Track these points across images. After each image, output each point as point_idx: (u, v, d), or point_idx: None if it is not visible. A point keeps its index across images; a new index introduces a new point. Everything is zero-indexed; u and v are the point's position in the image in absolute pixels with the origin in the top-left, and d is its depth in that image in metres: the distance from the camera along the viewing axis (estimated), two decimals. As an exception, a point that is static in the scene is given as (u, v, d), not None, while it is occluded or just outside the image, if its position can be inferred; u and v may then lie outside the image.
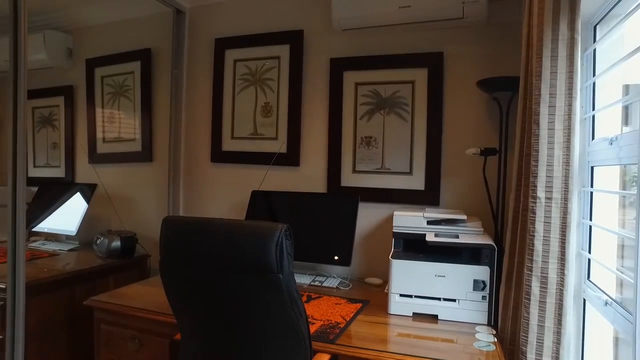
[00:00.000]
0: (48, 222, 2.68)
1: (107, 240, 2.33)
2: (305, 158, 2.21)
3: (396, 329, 1.44)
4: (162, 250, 1.15)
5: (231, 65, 2.36)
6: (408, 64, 2.00)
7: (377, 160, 2.06)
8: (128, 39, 2.69)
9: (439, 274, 1.50)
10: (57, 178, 3.00)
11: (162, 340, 1.55)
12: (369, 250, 2.08)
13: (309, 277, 1.98)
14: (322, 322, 1.44)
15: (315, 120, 2.19)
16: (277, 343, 1.11)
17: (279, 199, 2.11)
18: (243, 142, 2.34)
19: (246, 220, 2.03)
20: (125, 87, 2.70)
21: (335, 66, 2.12)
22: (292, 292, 1.05)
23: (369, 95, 2.07)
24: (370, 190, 2.06)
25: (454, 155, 1.94)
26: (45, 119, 3.07)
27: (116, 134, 2.75)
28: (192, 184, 2.53)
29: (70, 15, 2.85)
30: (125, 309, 1.61)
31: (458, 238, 1.54)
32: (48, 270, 2.08)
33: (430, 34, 1.97)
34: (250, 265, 1.03)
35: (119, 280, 2.30)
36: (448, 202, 1.96)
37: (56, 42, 2.84)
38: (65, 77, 2.96)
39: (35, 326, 1.88)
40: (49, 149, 3.06)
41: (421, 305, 1.53)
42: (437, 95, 1.95)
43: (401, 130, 2.02)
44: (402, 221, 1.69)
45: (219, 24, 2.42)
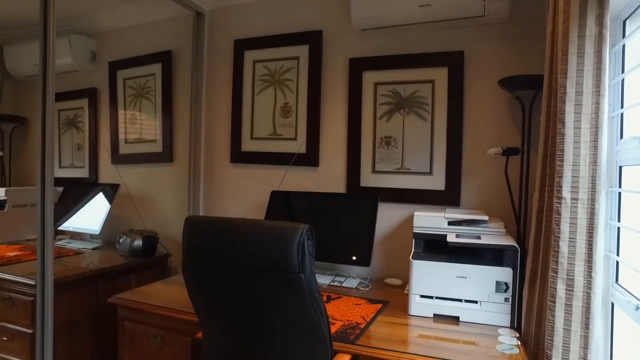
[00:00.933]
0: (73, 221, 2.75)
1: (129, 239, 2.37)
2: (325, 158, 2.22)
3: (417, 330, 1.43)
4: (184, 249, 1.16)
5: (250, 66, 2.38)
6: (428, 64, 1.98)
7: (397, 160, 2.05)
8: (149, 41, 2.74)
9: (460, 275, 1.49)
10: (82, 178, 3.08)
11: (184, 339, 1.57)
12: (388, 251, 2.07)
13: (329, 277, 1.98)
14: (343, 323, 1.44)
15: (334, 120, 2.19)
16: (298, 343, 1.11)
17: (298, 199, 2.12)
18: (262, 143, 2.36)
19: (267, 220, 2.04)
20: (146, 89, 2.75)
21: (354, 66, 2.12)
22: (313, 292, 1.06)
23: (389, 95, 2.06)
24: (389, 190, 2.05)
25: (475, 155, 1.92)
26: (70, 121, 3.15)
27: (138, 135, 2.80)
28: (211, 184, 2.56)
29: (94, 19, 2.92)
30: (147, 307, 1.64)
31: (480, 239, 1.51)
32: (74, 268, 2.13)
33: (451, 33, 1.95)
34: (272, 265, 1.03)
35: (140, 278, 2.34)
36: (469, 203, 1.93)
37: (81, 46, 2.91)
38: (89, 79, 3.04)
39: (62, 321, 1.93)
40: (74, 150, 3.15)
41: (442, 306, 1.51)
42: (457, 95, 1.93)
43: (421, 130, 2.00)
44: (423, 221, 1.67)
45: (238, 25, 2.45)
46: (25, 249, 2.58)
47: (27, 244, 2.76)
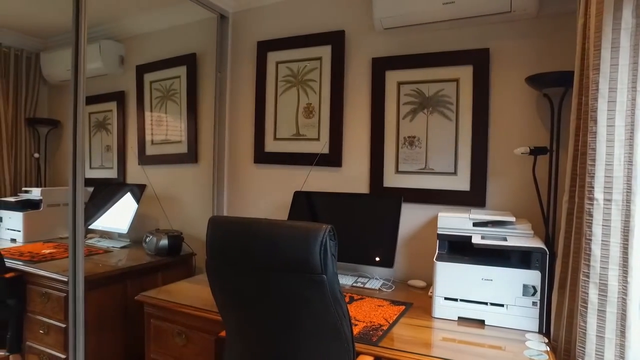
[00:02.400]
0: (102, 220, 2.84)
1: (155, 238, 2.43)
2: (348, 158, 2.21)
3: (441, 333, 1.40)
4: (209, 249, 1.18)
5: (273, 67, 2.40)
6: (452, 62, 1.94)
7: (421, 160, 2.02)
8: (175, 45, 2.80)
9: (485, 277, 1.45)
10: (110, 179, 3.17)
11: (208, 337, 1.60)
12: (412, 252, 2.04)
13: (351, 278, 1.97)
14: (365, 324, 1.43)
15: (357, 120, 2.18)
16: (320, 343, 1.11)
17: (321, 200, 2.12)
18: (285, 143, 2.37)
19: (290, 220, 2.05)
20: (172, 91, 2.81)
21: (377, 66, 2.10)
22: (335, 293, 1.05)
23: (412, 95, 2.03)
24: (413, 190, 2.02)
25: (501, 154, 1.87)
26: (99, 123, 3.26)
27: (164, 137, 2.87)
28: (235, 185, 2.59)
29: (123, 25, 3.01)
30: (172, 305, 1.67)
31: (506, 241, 1.48)
32: (103, 265, 2.20)
33: (476, 30, 1.91)
34: (295, 265, 1.03)
35: (166, 277, 2.40)
36: (495, 204, 1.89)
37: (110, 50, 3.00)
38: (117, 83, 3.13)
39: (93, 317, 2.00)
40: (103, 152, 3.25)
41: (467, 309, 1.48)
42: (483, 93, 1.88)
43: (445, 130, 1.97)
44: (447, 222, 1.64)
45: (261, 27, 2.47)
46: (59, 246, 2.68)
47: (61, 242, 2.86)
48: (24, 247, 2.66)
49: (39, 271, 2.11)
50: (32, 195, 3.01)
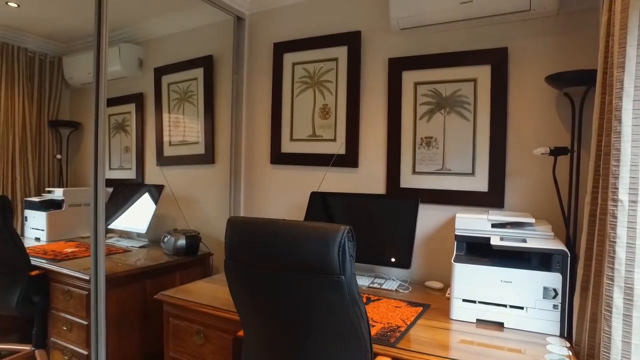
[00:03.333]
0: (122, 220, 2.89)
1: (173, 238, 2.46)
2: (364, 159, 2.20)
3: (459, 335, 1.39)
4: (227, 250, 1.19)
5: (290, 69, 2.41)
6: (470, 62, 1.92)
7: (438, 161, 2.01)
8: (192, 47, 2.84)
9: (504, 279, 1.43)
10: (129, 179, 3.23)
11: (226, 336, 1.61)
12: (429, 253, 2.03)
13: (368, 279, 1.97)
14: (383, 325, 1.42)
15: (373, 121, 2.18)
16: (337, 344, 1.11)
17: (337, 200, 2.12)
18: (302, 144, 2.38)
19: (308, 221, 2.06)
20: (189, 93, 2.85)
21: (393, 66, 2.09)
22: (353, 293, 1.05)
23: (429, 95, 2.02)
24: (430, 191, 2.01)
25: (520, 155, 1.84)
26: (119, 125, 3.32)
27: (181, 138, 2.91)
28: (252, 186, 2.61)
29: (141, 28, 3.06)
30: (191, 304, 1.69)
31: (526, 242, 1.46)
32: (122, 265, 2.24)
33: (493, 29, 1.89)
34: (313, 266, 1.04)
35: (183, 276, 2.43)
36: (513, 205, 1.86)
37: (129, 54, 3.06)
38: (136, 85, 3.18)
39: (113, 315, 2.04)
40: (122, 153, 3.31)
41: (485, 311, 1.47)
42: (501, 93, 1.86)
43: (463, 130, 1.95)
44: (465, 224, 1.62)
45: (277, 28, 2.48)
46: (80, 245, 2.74)
47: (82, 241, 2.93)
48: (48, 246, 2.73)
49: (62, 269, 2.17)
50: (54, 196, 3.09)
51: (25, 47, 3.30)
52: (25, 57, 3.29)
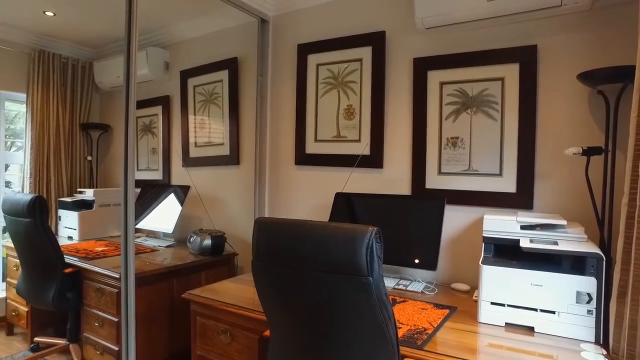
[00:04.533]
0: (149, 220, 2.96)
1: (199, 238, 2.51)
2: (389, 160, 2.19)
3: (487, 338, 1.36)
4: (255, 250, 1.20)
5: (314, 70, 2.42)
6: (497, 60, 1.89)
7: (464, 161, 1.98)
8: (217, 49, 2.88)
9: (535, 282, 1.40)
10: (156, 180, 3.31)
11: (252, 336, 1.63)
12: (455, 255, 2.00)
13: (393, 280, 1.96)
14: (409, 327, 1.41)
15: (398, 121, 2.16)
16: (364, 345, 1.11)
17: (362, 201, 2.12)
18: (326, 145, 2.38)
19: (336, 222, 2.07)
20: (214, 95, 2.89)
21: (418, 66, 2.07)
22: (381, 295, 1.05)
23: (455, 95, 1.99)
24: (456, 192, 1.98)
25: (550, 155, 1.80)
26: (146, 127, 3.40)
27: (206, 139, 2.95)
28: (276, 186, 2.63)
29: (167, 32, 3.13)
30: (218, 303, 1.72)
31: (557, 245, 1.41)
32: (150, 264, 2.29)
33: (522, 27, 1.84)
34: (341, 267, 1.04)
35: (209, 276, 2.47)
36: (543, 206, 1.81)
37: (156, 57, 3.14)
38: (162, 88, 3.26)
39: (142, 312, 2.09)
40: (149, 154, 3.39)
41: (515, 315, 1.43)
42: (530, 92, 1.82)
43: (490, 130, 1.91)
44: (493, 225, 1.59)
45: (301, 30, 2.50)
46: (109, 245, 2.82)
47: (111, 240, 3.01)
48: (80, 245, 2.82)
49: (94, 268, 2.24)
50: (85, 196, 3.19)
51: (59, 53, 3.43)
52: (59, 63, 3.43)
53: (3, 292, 3.17)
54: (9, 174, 3.52)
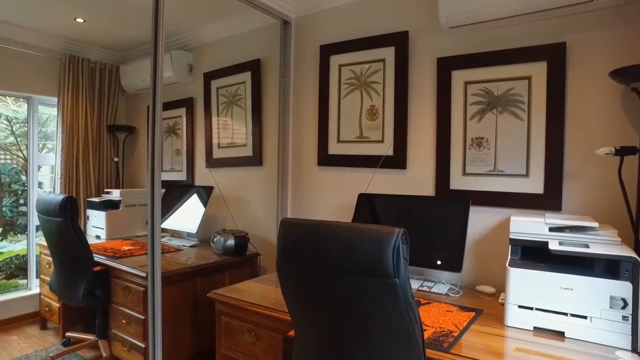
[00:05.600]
0: (173, 220, 3.01)
1: (222, 238, 2.54)
2: (412, 160, 2.17)
3: (514, 342, 1.34)
4: (280, 251, 1.21)
5: (336, 71, 2.42)
6: (524, 59, 1.85)
7: (489, 162, 1.94)
8: (240, 51, 2.92)
9: (565, 286, 1.36)
10: (180, 181, 3.37)
11: (276, 336, 1.64)
12: (480, 257, 1.97)
13: (417, 281, 1.94)
14: (434, 330, 1.40)
15: (422, 122, 2.14)
16: (390, 347, 1.10)
17: (386, 202, 2.11)
18: (349, 146, 2.38)
19: (362, 223, 2.07)
20: (237, 96, 2.93)
21: (442, 66, 2.05)
22: (408, 297, 1.04)
23: (480, 94, 1.96)
24: (481, 193, 1.95)
25: (580, 155, 1.75)
26: (170, 129, 3.47)
27: (229, 140, 2.99)
28: (299, 187, 2.64)
29: (191, 35, 3.19)
30: (243, 303, 1.74)
31: (588, 248, 1.37)
32: (174, 263, 2.34)
33: (549, 24, 1.80)
34: (367, 268, 1.04)
35: (232, 276, 2.50)
36: (572, 208, 1.77)
37: (180, 60, 3.20)
38: (186, 90, 3.32)
39: (167, 311, 2.13)
40: (173, 155, 3.45)
41: (544, 319, 1.40)
42: (558, 90, 1.77)
43: (516, 130, 1.88)
44: (520, 227, 1.56)
45: (323, 31, 2.50)
46: (135, 244, 2.89)
47: (136, 239, 3.08)
48: (107, 244, 2.90)
49: (121, 266, 2.29)
50: (112, 196, 3.28)
51: (88, 58, 3.54)
52: (88, 67, 3.53)
53: (37, 288, 3.29)
54: (41, 175, 3.64)
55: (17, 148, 4.70)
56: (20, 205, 4.62)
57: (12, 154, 4.74)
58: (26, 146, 3.57)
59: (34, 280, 3.42)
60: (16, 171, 4.77)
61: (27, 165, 3.54)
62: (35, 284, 3.40)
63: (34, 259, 3.43)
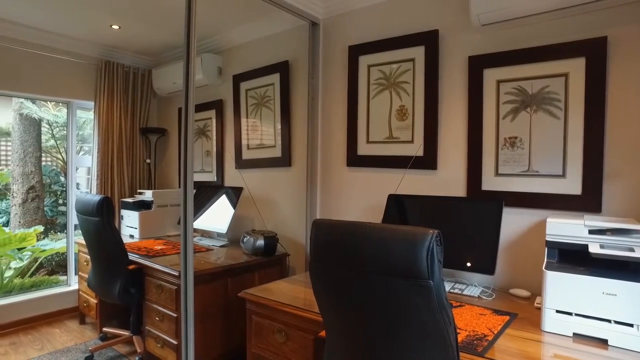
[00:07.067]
0: (203, 220, 3.07)
1: (252, 239, 2.57)
2: (443, 161, 2.14)
3: (552, 348, 1.30)
4: (313, 251, 1.22)
5: (365, 71, 2.41)
6: (560, 55, 1.79)
7: (523, 162, 1.89)
8: (268, 53, 2.95)
9: (607, 292, 1.31)
10: (210, 182, 3.43)
11: (307, 336, 1.65)
12: (513, 259, 1.92)
13: (448, 284, 1.91)
14: (468, 333, 1.37)
15: (452, 121, 2.11)
16: (423, 349, 1.09)
17: (416, 203, 2.08)
18: (378, 146, 2.37)
19: (395, 224, 2.05)
20: (266, 98, 2.96)
21: (474, 64, 2.01)
22: (442, 299, 1.03)
23: (513, 93, 1.91)
24: (515, 194, 1.90)
25: (622, 154, 1.68)
26: (200, 130, 3.54)
27: (258, 141, 3.03)
28: (328, 188, 2.64)
29: (221, 38, 3.25)
30: (273, 303, 1.75)
31: (634, 252, 1.32)
32: (205, 262, 2.38)
33: (588, 18, 1.73)
34: (401, 270, 1.03)
35: (262, 276, 2.53)
36: (613, 210, 1.70)
37: (210, 63, 3.26)
38: (216, 92, 3.38)
39: (198, 309, 2.17)
40: (203, 157, 3.52)
41: (584, 325, 1.35)
42: (598, 87, 1.71)
43: (552, 129, 1.82)
44: (558, 229, 1.51)
45: (352, 31, 2.50)
46: (167, 243, 2.97)
47: (168, 239, 3.16)
48: (140, 243, 2.98)
49: (155, 265, 2.36)
50: (145, 197, 3.38)
51: (122, 63, 3.66)
52: (122, 72, 3.66)
53: (76, 285, 3.43)
54: (78, 176, 3.80)
55: (56, 150, 4.92)
56: (59, 205, 4.83)
57: (52, 156, 4.97)
58: (65, 149, 3.72)
59: (73, 277, 3.57)
60: (55, 172, 5.00)
61: (66, 167, 3.69)
62: (74, 280, 3.54)
63: (72, 256, 3.58)
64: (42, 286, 3.68)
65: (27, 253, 3.97)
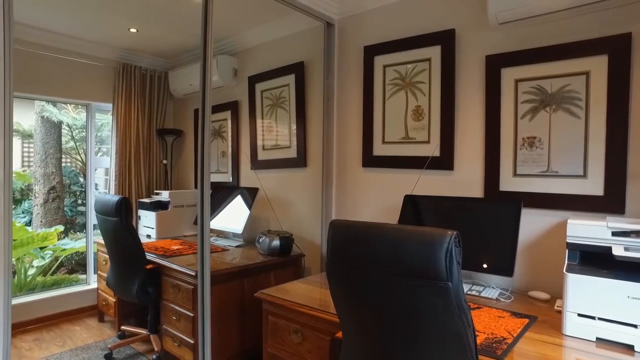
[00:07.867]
0: (218, 220, 3.10)
1: (268, 239, 2.58)
2: (460, 161, 2.12)
3: (574, 353, 1.27)
4: (329, 251, 1.22)
5: (381, 71, 2.40)
6: (581, 53, 1.75)
7: (542, 162, 1.86)
8: (283, 54, 2.96)
9: (633, 295, 1.27)
10: (226, 182, 3.46)
11: (323, 336, 1.65)
12: (532, 261, 1.89)
13: (465, 285, 1.89)
14: (487, 335, 1.35)
15: (470, 121, 2.08)
16: (442, 352, 1.08)
17: (432, 204, 2.06)
18: (394, 147, 2.35)
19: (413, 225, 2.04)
20: (281, 99, 2.97)
21: (491, 63, 1.98)
22: (461, 301, 1.02)
23: (532, 92, 1.88)
24: (533, 195, 1.87)
25: (646, 154, 1.63)
26: (216, 132, 3.57)
27: (274, 142, 3.04)
28: (343, 188, 2.64)
29: (236, 40, 3.27)
30: (290, 303, 1.76)
31: (659, 254, 1.28)
32: (221, 262, 2.40)
33: (611, 14, 1.69)
34: (419, 271, 1.02)
35: (277, 276, 2.53)
36: (637, 211, 1.65)
37: (225, 64, 3.29)
38: (231, 94, 3.41)
39: (214, 309, 2.19)
40: (219, 157, 3.56)
41: (608, 330, 1.32)
42: (621, 85, 1.66)
43: (572, 129, 1.78)
44: (579, 231, 1.48)
45: (367, 31, 2.49)
46: (184, 243, 3.00)
47: (184, 239, 3.20)
48: (157, 243, 3.02)
49: (172, 265, 2.39)
50: (162, 197, 3.42)
51: (139, 65, 3.72)
52: (139, 74, 3.71)
53: (95, 283, 3.50)
54: (96, 177, 3.87)
55: (76, 152, 5.03)
56: (79, 205, 4.94)
57: (71, 158, 5.08)
58: (84, 150, 3.79)
59: (92, 276, 3.64)
60: (75, 173, 5.11)
61: (85, 168, 3.77)
62: (94, 279, 3.61)
63: (92, 255, 3.65)
64: (62, 284, 3.76)
65: (49, 252, 4.07)
